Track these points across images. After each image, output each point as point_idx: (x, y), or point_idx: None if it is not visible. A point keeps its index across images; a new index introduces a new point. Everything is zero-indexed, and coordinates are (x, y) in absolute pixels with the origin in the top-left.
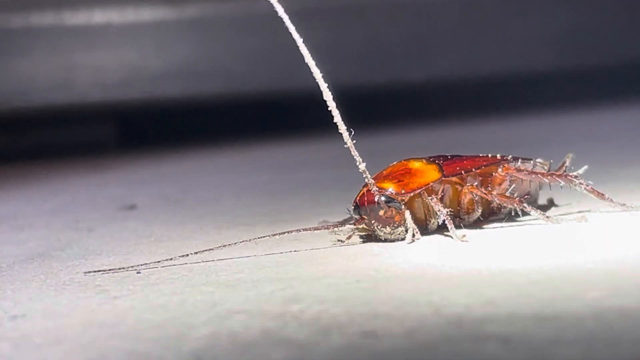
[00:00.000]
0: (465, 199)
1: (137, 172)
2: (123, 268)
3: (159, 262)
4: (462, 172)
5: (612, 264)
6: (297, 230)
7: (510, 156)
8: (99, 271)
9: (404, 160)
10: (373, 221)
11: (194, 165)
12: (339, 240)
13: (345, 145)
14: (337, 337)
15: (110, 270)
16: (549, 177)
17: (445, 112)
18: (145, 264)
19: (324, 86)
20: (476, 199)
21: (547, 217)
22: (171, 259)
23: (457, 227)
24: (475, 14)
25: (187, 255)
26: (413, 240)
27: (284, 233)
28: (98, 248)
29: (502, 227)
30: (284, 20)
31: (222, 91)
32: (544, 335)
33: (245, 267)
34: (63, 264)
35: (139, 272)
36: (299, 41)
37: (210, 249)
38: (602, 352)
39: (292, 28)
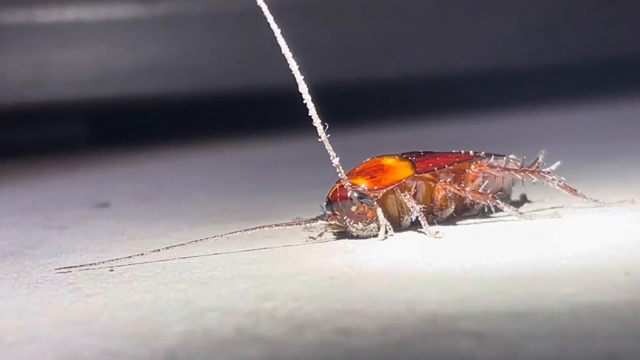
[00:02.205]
0: (439, 195)
1: (110, 169)
2: (95, 264)
3: (131, 257)
4: (435, 168)
5: (585, 259)
6: (270, 226)
7: (483, 152)
8: (72, 267)
9: (377, 156)
10: (345, 217)
11: (167, 162)
12: (311, 237)
13: (319, 140)
14: (310, 334)
15: (82, 266)
16: (521, 174)
17: (419, 108)
18: (118, 260)
19: (299, 78)
20: (449, 195)
21: (520, 213)
22: (143, 254)
23: (431, 223)
24: (449, 10)
25: (159, 250)
26: (386, 237)
27: (257, 229)
28: (71, 246)
29: (475, 223)
30: (265, 13)
31: (195, 88)
32: (517, 331)
33: (218, 264)
34: (35, 262)
35: (112, 270)
36: (278, 36)
37: (182, 244)
38: (575, 348)
39: (272, 22)
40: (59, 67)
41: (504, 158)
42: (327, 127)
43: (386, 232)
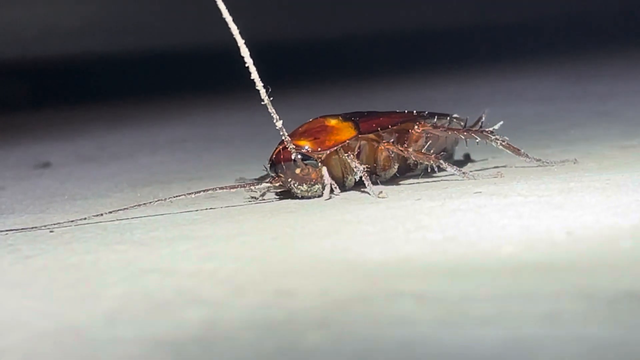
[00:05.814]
0: (382, 155)
1: (52, 129)
2: (36, 227)
3: (72, 221)
4: (379, 128)
5: (527, 219)
6: (214, 188)
7: (426, 112)
8: (11, 230)
9: (320, 117)
10: (290, 179)
11: (109, 121)
12: (253, 198)
13: (263, 103)
14: (251, 295)
15: (22, 229)
16: (465, 133)
17: (363, 68)
18: (59, 222)
19: (241, 42)
20: (392, 155)
21: (464, 173)
22: (85, 218)
23: (374, 183)
24: None
25: (102, 214)
26: (330, 197)
27: (200, 192)
28: (10, 207)
29: (418, 183)
30: None
31: (136, 46)
32: (458, 291)
33: (160, 225)
34: None
35: (52, 231)
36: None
37: (125, 208)
38: (516, 308)
39: None
40: (1, 26)
41: (448, 118)
42: (270, 90)
43: (332, 191)
